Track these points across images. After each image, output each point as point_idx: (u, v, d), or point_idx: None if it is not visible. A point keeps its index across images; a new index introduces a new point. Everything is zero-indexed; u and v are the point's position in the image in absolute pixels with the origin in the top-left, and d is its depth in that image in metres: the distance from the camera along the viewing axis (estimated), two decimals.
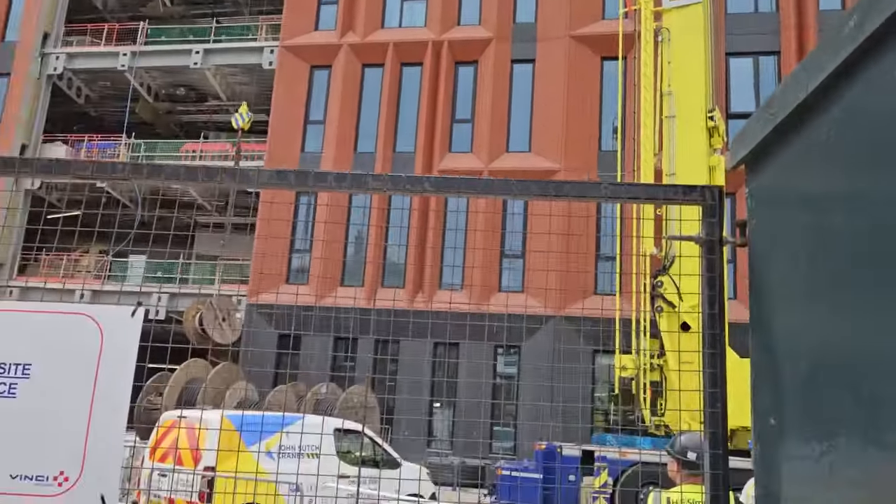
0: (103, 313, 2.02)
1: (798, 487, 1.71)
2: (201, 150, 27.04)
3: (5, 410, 1.95)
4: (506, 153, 22.82)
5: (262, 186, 2.18)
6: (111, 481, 1.95)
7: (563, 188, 2.17)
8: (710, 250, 2.12)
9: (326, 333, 21.50)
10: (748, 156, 2.03)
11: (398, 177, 2.15)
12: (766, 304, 1.95)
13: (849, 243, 1.48)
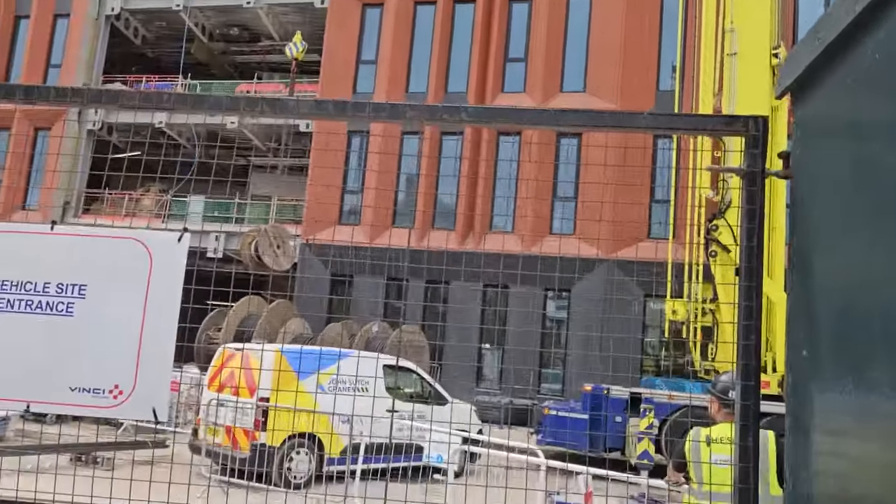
0: (152, 238, 2.12)
1: (827, 417, 1.71)
2: (255, 91, 27.24)
3: (63, 327, 2.07)
4: (560, 93, 22.39)
5: (303, 116, 2.21)
6: (162, 395, 2.07)
7: (602, 117, 2.14)
8: (752, 182, 2.08)
9: (378, 274, 21.82)
10: (794, 84, 1.96)
11: (435, 107, 2.14)
12: (808, 236, 1.91)
13: (879, 176, 1.44)
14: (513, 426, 16.23)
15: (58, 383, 2.06)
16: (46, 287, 2.09)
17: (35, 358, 2.07)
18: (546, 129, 2.57)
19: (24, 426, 12.51)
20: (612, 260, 20.46)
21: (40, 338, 2.07)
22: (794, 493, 1.84)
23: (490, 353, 22.13)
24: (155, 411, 2.05)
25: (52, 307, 2.08)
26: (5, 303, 2.09)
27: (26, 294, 2.09)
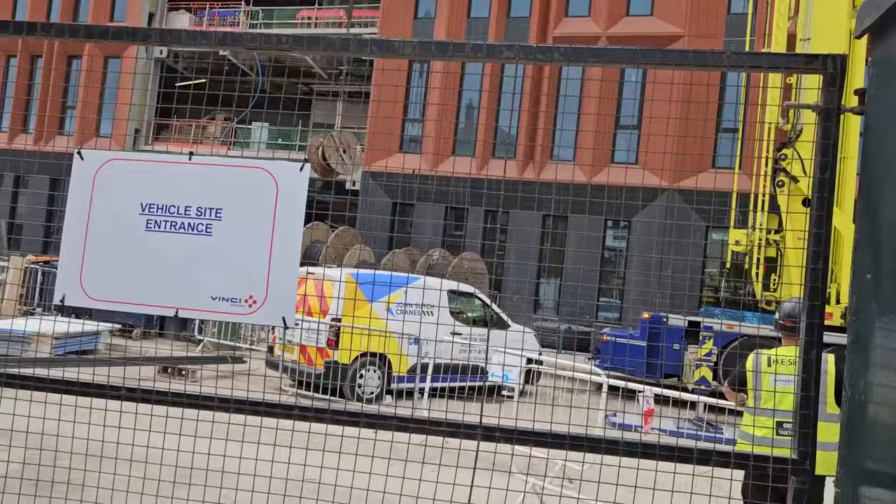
0: (277, 167, 2.40)
1: (884, 334, 1.90)
2: (316, 17, 27.24)
3: (203, 246, 2.40)
4: (626, 17, 21.76)
5: (407, 57, 2.42)
6: (289, 305, 2.39)
7: (686, 56, 2.30)
8: (827, 118, 2.23)
9: (439, 202, 22.10)
10: (875, 23, 2.07)
11: (530, 46, 2.32)
12: (877, 169, 2.06)
13: None
14: (571, 352, 16.60)
15: (200, 293, 2.39)
16: (188, 210, 2.40)
17: (180, 272, 2.41)
18: (633, 67, 2.74)
19: (113, 341, 13.44)
20: (675, 189, 20.24)
21: (184, 254, 2.40)
22: (851, 399, 2.06)
23: (548, 281, 22.39)
24: (284, 319, 2.38)
25: (193, 227, 2.40)
26: (153, 223, 2.42)
27: (170, 216, 2.42)
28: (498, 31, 22.85)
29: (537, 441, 2.38)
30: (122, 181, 2.45)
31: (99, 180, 2.45)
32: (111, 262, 2.43)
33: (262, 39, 2.46)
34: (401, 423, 2.36)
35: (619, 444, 2.38)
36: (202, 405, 2.55)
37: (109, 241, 2.44)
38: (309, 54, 20.04)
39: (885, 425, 1.92)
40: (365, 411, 2.45)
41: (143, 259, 2.41)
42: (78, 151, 2.50)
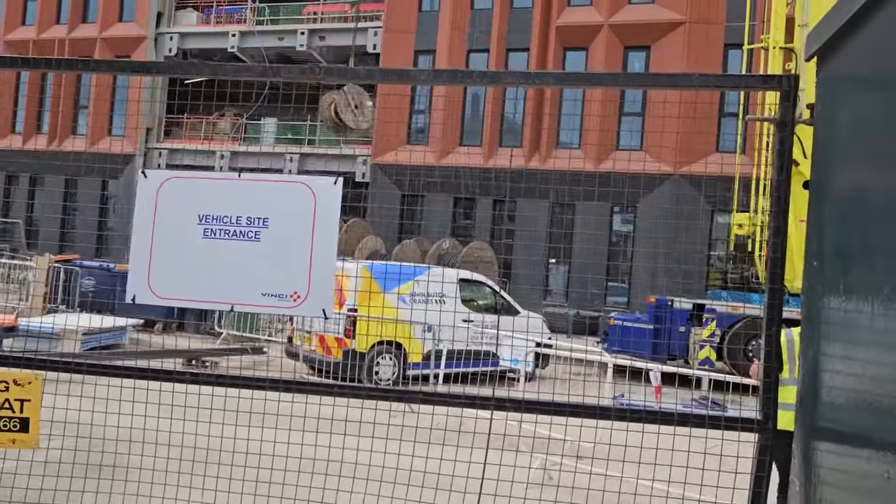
0: (315, 182, 2.80)
1: (829, 312, 2.29)
2: (322, 12, 27.55)
3: (254, 250, 2.81)
4: (628, 5, 22.00)
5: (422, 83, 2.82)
6: (328, 299, 2.80)
7: (660, 79, 2.69)
8: (783, 128, 2.62)
9: (447, 192, 22.47)
10: (820, 49, 2.45)
11: (528, 73, 2.71)
12: (822, 172, 2.44)
13: (885, 126, 1.95)
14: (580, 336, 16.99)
15: (252, 290, 2.80)
16: (239, 220, 2.81)
17: (234, 272, 2.81)
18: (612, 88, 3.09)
19: (138, 336, 13.94)
20: (680, 175, 20.54)
21: (237, 257, 2.81)
22: (804, 367, 2.45)
23: (557, 268, 22.75)
24: (324, 311, 2.79)
25: (245, 235, 2.81)
26: (210, 231, 2.83)
27: (224, 225, 2.82)
28: (501, 22, 23.14)
29: (543, 410, 2.78)
30: (181, 196, 2.86)
31: (161, 196, 2.87)
32: (174, 265, 2.85)
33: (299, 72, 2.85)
34: (426, 397, 2.77)
35: (611, 410, 2.78)
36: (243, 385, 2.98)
37: (172, 248, 2.85)
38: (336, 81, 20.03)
39: (831, 389, 2.31)
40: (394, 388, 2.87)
41: (202, 262, 2.83)
42: (142, 171, 2.91)
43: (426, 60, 24.24)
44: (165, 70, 2.91)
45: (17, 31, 29.54)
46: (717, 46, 20.86)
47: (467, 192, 22.46)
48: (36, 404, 2.84)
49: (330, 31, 26.27)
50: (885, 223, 1.94)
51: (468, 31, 23.53)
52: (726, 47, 20.72)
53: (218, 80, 31.88)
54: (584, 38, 22.27)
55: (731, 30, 20.34)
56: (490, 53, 23.19)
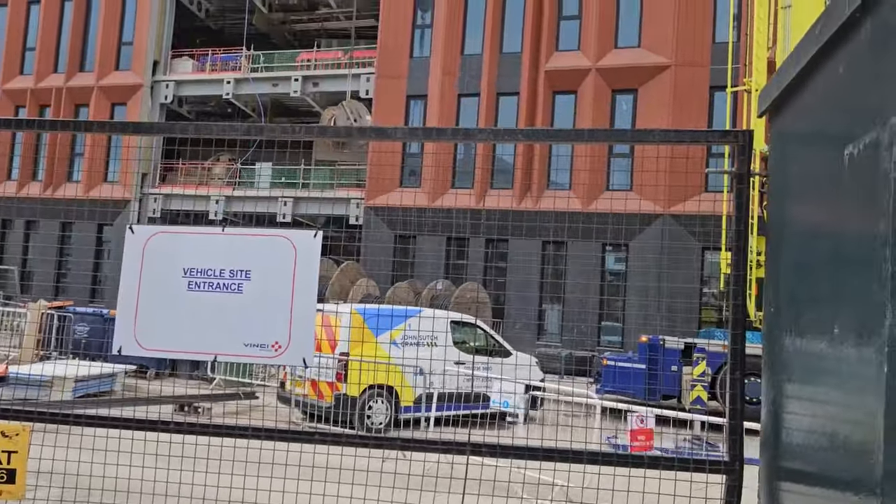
0: (295, 235, 2.92)
1: (785, 353, 2.39)
2: (315, 59, 28.07)
3: (236, 302, 2.91)
4: (614, 49, 22.50)
5: (398, 140, 2.95)
6: (309, 348, 2.89)
7: (625, 134, 2.84)
8: (740, 181, 2.75)
9: (440, 234, 22.64)
10: (769, 108, 2.60)
11: (497, 130, 2.86)
12: (776, 222, 2.57)
13: (827, 177, 2.09)
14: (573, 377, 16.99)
15: (234, 341, 2.89)
16: (222, 272, 2.92)
17: (217, 323, 2.91)
18: (578, 144, 3.27)
19: (128, 381, 13.91)
20: (670, 214, 20.78)
21: (220, 309, 2.90)
22: (766, 409, 2.55)
23: (550, 308, 22.82)
24: (304, 360, 2.88)
25: (228, 287, 2.91)
26: (195, 284, 2.93)
27: (208, 277, 2.93)
28: (491, 67, 23.60)
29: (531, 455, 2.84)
30: (166, 250, 2.97)
31: (148, 250, 2.98)
32: (160, 317, 2.95)
33: (280, 130, 2.98)
34: (404, 443, 2.84)
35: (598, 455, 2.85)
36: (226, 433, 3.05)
37: (158, 300, 2.95)
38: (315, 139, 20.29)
39: (791, 430, 2.40)
40: (359, 434, 2.94)
41: (187, 314, 2.92)
42: (129, 227, 3.02)
43: (418, 105, 24.65)
44: (153, 130, 3.01)
45: (15, 81, 29.97)
46: (703, 88, 21.30)
47: (459, 232, 22.63)
48: (23, 456, 2.91)
49: (323, 78, 26.73)
50: (833, 270, 2.06)
51: (459, 76, 23.98)
52: (712, 89, 21.17)
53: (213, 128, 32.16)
54: (572, 82, 22.71)
55: (716, 72, 20.81)
56: (481, 98, 23.61)
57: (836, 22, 1.89)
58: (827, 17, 1.96)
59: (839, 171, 1.90)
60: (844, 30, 1.87)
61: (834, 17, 1.91)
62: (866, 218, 1.70)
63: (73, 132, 3.33)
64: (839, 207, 1.92)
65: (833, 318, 2.01)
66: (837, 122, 1.98)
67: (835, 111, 1.99)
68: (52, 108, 29.11)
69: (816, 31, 2.05)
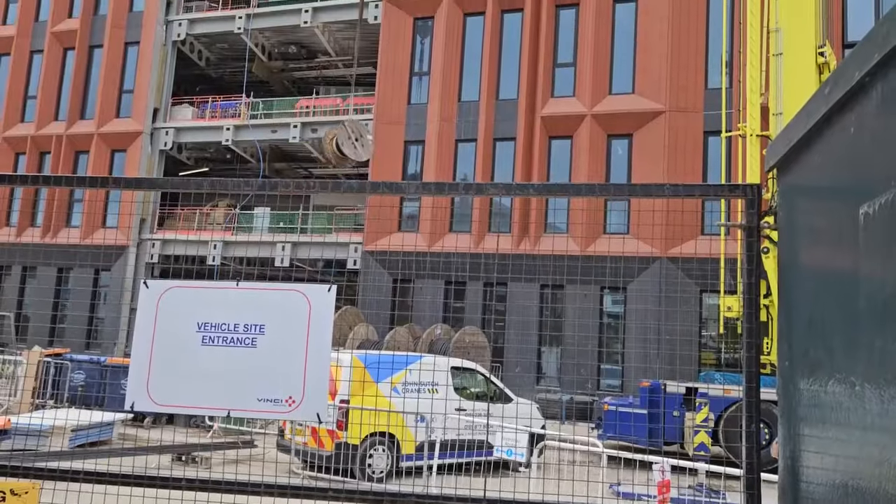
0: (309, 290, 2.94)
1: (802, 408, 2.40)
2: (314, 106, 28.43)
3: (250, 356, 2.91)
4: (609, 95, 22.85)
5: (410, 195, 3.00)
6: (322, 403, 2.88)
7: (635, 189, 2.88)
8: (750, 234, 2.79)
9: (438, 278, 22.66)
10: (778, 162, 2.66)
11: (510, 185, 2.90)
12: (788, 274, 2.60)
13: (841, 234, 2.12)
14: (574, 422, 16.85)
15: (248, 396, 2.89)
16: (236, 326, 2.93)
17: (231, 378, 2.91)
18: (591, 198, 3.31)
19: (126, 430, 13.74)
20: (667, 257, 20.86)
21: (234, 363, 2.91)
22: (783, 462, 2.55)
23: (549, 351, 22.74)
24: (318, 415, 2.87)
25: (241, 341, 2.92)
26: (209, 339, 2.94)
27: (222, 332, 2.94)
28: (488, 113, 23.92)
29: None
30: (181, 304, 2.98)
31: (162, 305, 2.99)
32: (173, 372, 2.94)
33: (270, 186, 3.02)
34: (418, 499, 2.81)
35: None
36: (225, 489, 3.02)
37: (171, 355, 2.95)
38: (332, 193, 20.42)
39: (811, 484, 2.39)
40: (374, 489, 2.92)
41: (200, 369, 2.92)
42: (144, 282, 3.04)
43: (416, 150, 24.91)
44: (168, 186, 3.09)
45: (16, 128, 30.24)
46: (698, 133, 21.59)
47: (458, 276, 22.65)
48: None
49: (322, 124, 27.03)
50: (849, 325, 2.08)
51: (456, 121, 24.28)
52: (706, 134, 21.46)
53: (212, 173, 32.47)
54: (568, 128, 23.01)
55: (709, 117, 21.13)
56: (478, 143, 23.87)
57: (846, 85, 1.95)
58: (836, 79, 2.02)
59: (854, 229, 1.93)
60: (854, 92, 1.93)
61: (843, 80, 1.97)
62: (885, 274, 1.73)
63: (75, 188, 3.39)
64: (856, 263, 1.95)
65: (850, 372, 2.02)
66: (850, 180, 2.02)
67: (847, 170, 2.04)
68: (51, 155, 29.33)
69: (826, 91, 2.11)
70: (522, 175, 23.12)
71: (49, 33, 30.11)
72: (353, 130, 20.75)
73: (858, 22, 20.54)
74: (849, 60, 1.96)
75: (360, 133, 21.15)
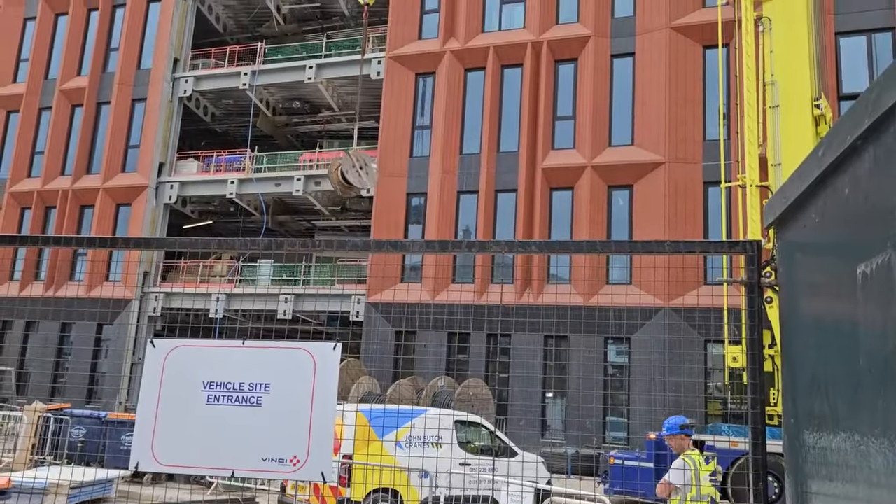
0: (315, 348, 2.95)
1: (808, 465, 2.39)
2: (317, 160, 28.77)
3: (255, 415, 2.91)
4: (609, 147, 23.13)
5: (414, 252, 3.04)
6: (327, 462, 2.87)
7: (636, 246, 2.92)
8: (751, 290, 2.82)
9: (441, 329, 22.60)
10: (774, 222, 2.70)
11: (512, 242, 2.95)
12: (789, 330, 2.62)
13: (840, 293, 2.15)
14: (580, 477, 16.58)
15: (252, 456, 2.88)
16: (241, 385, 2.94)
17: (235, 438, 2.90)
18: (593, 255, 3.34)
19: (126, 487, 13.53)
20: (670, 307, 20.81)
21: (239, 423, 2.91)
22: None
23: (553, 403, 22.51)
24: (323, 474, 2.86)
25: (247, 400, 2.92)
26: (214, 398, 2.94)
27: (227, 391, 2.94)
28: (489, 165, 24.19)
29: None
30: (187, 363, 3.00)
31: (168, 363, 3.00)
32: (178, 431, 2.94)
33: (275, 245, 3.07)
34: None
35: None
36: None
37: (177, 414, 2.95)
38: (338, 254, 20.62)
39: None
40: None
41: (205, 429, 2.92)
42: (151, 341, 3.06)
43: (418, 202, 25.11)
44: (177, 245, 3.13)
45: (22, 183, 30.58)
46: (697, 184, 21.78)
47: (461, 328, 22.58)
48: None
49: (325, 177, 27.30)
50: (853, 383, 2.10)
51: (458, 173, 24.54)
52: (706, 184, 21.65)
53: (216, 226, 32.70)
54: (569, 179, 23.24)
55: (709, 168, 21.35)
56: (480, 194, 24.08)
57: (839, 147, 2.00)
58: (829, 142, 2.08)
59: (853, 288, 1.96)
60: (847, 155, 1.98)
61: (836, 142, 2.03)
62: (884, 333, 1.75)
63: (85, 248, 3.45)
64: (855, 322, 1.97)
65: (855, 430, 2.03)
66: (847, 240, 2.06)
67: (843, 230, 2.08)
68: (57, 209, 29.58)
69: (819, 154, 2.17)
70: (524, 225, 23.25)
71: (58, 90, 30.70)
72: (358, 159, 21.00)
73: (852, 74, 20.90)
74: (841, 124, 2.02)
75: (364, 161, 21.38)
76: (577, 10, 24.35)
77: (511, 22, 25.22)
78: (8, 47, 32.38)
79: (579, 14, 24.30)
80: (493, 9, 25.48)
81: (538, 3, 24.57)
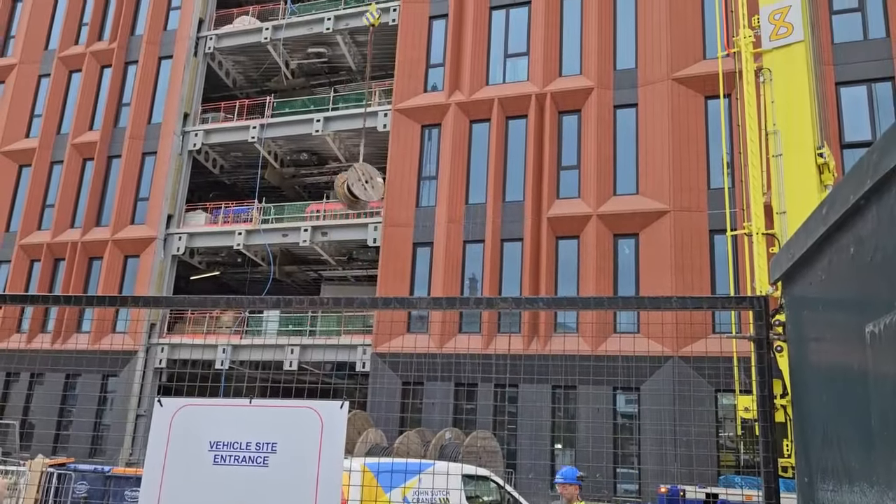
0: (322, 406, 2.94)
1: None
2: (324, 210, 29.00)
3: (261, 475, 2.89)
4: (613, 196, 23.27)
5: (422, 309, 3.04)
6: None
7: (643, 302, 2.92)
8: (760, 346, 2.81)
9: (448, 380, 22.42)
10: (781, 277, 2.71)
11: (519, 299, 2.96)
12: (799, 385, 2.60)
13: (848, 351, 2.15)
14: None
15: None
16: (248, 445, 2.92)
17: (242, 499, 2.88)
18: (601, 310, 3.34)
19: None
20: (679, 356, 20.64)
21: (245, 483, 2.88)
22: None
23: (562, 455, 22.16)
24: None
25: (253, 460, 2.90)
26: (221, 458, 2.92)
27: (234, 451, 2.93)
28: (495, 215, 24.33)
29: None
30: (194, 422, 2.99)
31: (175, 423, 2.99)
32: (184, 493, 2.92)
33: (284, 303, 3.08)
34: None
35: None
36: None
37: (183, 475, 2.93)
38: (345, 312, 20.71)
39: None
40: None
41: (212, 490, 2.89)
42: (158, 400, 3.05)
43: (425, 252, 25.18)
44: (185, 304, 3.20)
45: (32, 236, 30.86)
46: (703, 232, 21.83)
47: (468, 378, 22.40)
48: None
49: (332, 228, 27.51)
50: (860, 446, 2.08)
51: (464, 223, 24.67)
52: (711, 232, 21.69)
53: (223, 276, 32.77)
54: (574, 228, 23.33)
55: (714, 216, 21.42)
56: (486, 244, 24.16)
57: (842, 206, 2.02)
58: (832, 201, 2.10)
59: (861, 347, 1.96)
60: (851, 214, 2.00)
61: (839, 201, 2.05)
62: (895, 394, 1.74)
63: (94, 307, 3.49)
64: (865, 381, 1.96)
65: (868, 491, 2.00)
66: (854, 298, 2.07)
67: (850, 287, 2.09)
68: (66, 262, 29.77)
69: (823, 212, 2.19)
70: (531, 274, 23.26)
71: (70, 145, 31.21)
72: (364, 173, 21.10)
73: (854, 123, 21.10)
74: (844, 183, 2.05)
75: (370, 175, 21.50)
76: (580, 62, 24.78)
77: (515, 75, 25.67)
78: (22, 103, 33.05)
79: (582, 66, 24.72)
80: (497, 62, 25.97)
81: (541, 57, 25.03)
